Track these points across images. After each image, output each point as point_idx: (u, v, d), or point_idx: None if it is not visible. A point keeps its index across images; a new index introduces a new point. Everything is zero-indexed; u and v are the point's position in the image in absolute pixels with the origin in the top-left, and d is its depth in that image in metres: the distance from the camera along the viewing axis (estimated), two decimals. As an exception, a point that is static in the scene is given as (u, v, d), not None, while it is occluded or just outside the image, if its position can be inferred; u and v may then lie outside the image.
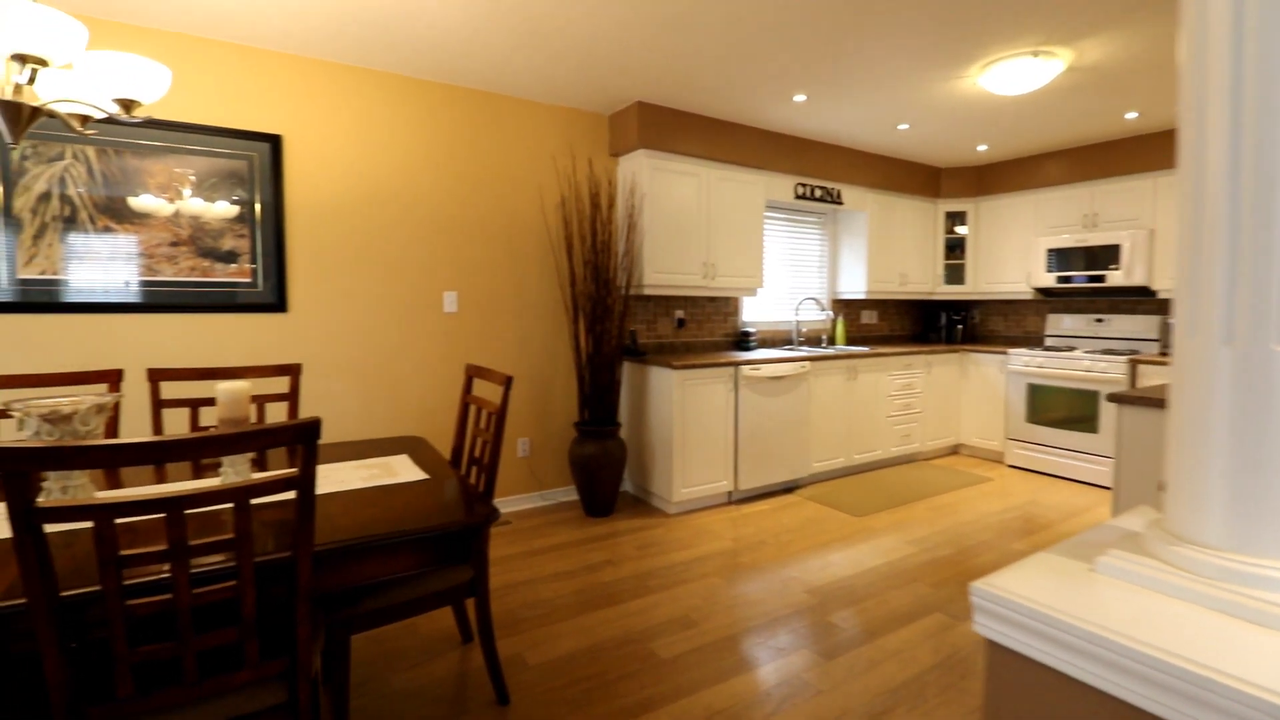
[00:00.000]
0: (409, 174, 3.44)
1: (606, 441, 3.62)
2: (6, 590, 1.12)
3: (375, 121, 3.34)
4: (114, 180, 2.78)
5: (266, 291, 3.09)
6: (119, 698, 1.13)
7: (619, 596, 2.66)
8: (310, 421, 1.19)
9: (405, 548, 1.42)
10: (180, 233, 2.90)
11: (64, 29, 1.42)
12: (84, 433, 1.48)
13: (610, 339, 3.67)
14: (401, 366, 3.47)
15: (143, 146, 2.82)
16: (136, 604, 1.11)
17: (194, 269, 2.94)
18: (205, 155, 2.95)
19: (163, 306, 2.88)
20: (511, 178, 3.75)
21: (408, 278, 3.47)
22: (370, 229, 3.35)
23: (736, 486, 3.93)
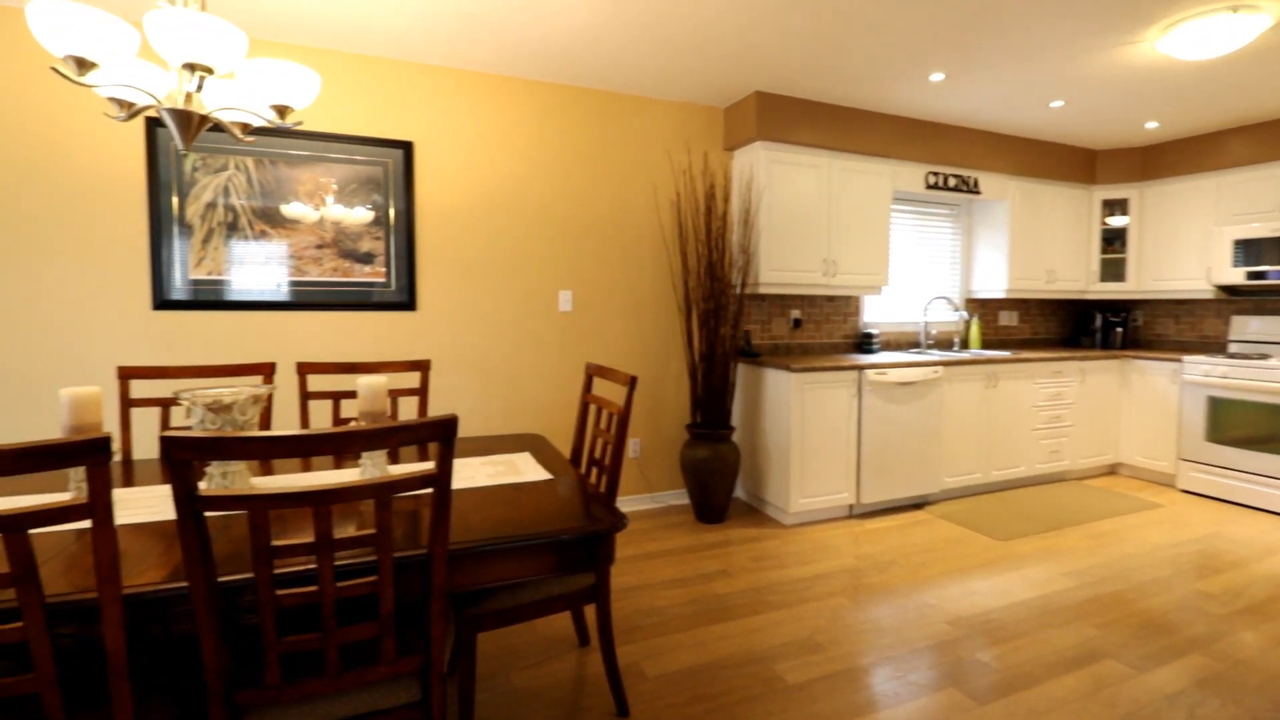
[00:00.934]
0: (527, 175, 3.49)
1: (719, 445, 3.48)
2: (171, 574, 1.18)
3: (497, 125, 3.41)
4: (269, 189, 3.00)
5: (398, 291, 3.24)
6: (266, 685, 1.15)
7: (736, 611, 2.52)
8: (448, 418, 1.16)
9: (536, 551, 1.37)
10: (325, 236, 3.10)
11: (229, 37, 1.50)
12: (242, 422, 1.56)
13: (724, 339, 3.53)
14: (518, 364, 3.52)
15: (293, 156, 3.03)
16: (285, 594, 1.12)
17: (336, 270, 3.12)
18: (346, 163, 3.12)
19: (308, 304, 3.08)
20: (626, 176, 3.71)
21: (525, 277, 3.51)
22: (491, 230, 3.43)
23: (858, 500, 3.66)
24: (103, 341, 2.79)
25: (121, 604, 1.04)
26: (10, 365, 2.68)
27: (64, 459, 0.96)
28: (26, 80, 2.65)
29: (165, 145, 2.85)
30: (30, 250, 2.69)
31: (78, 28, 1.39)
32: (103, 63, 1.47)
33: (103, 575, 1.01)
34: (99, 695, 1.22)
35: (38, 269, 2.70)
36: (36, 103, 2.67)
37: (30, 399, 2.71)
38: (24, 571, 0.97)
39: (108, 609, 1.03)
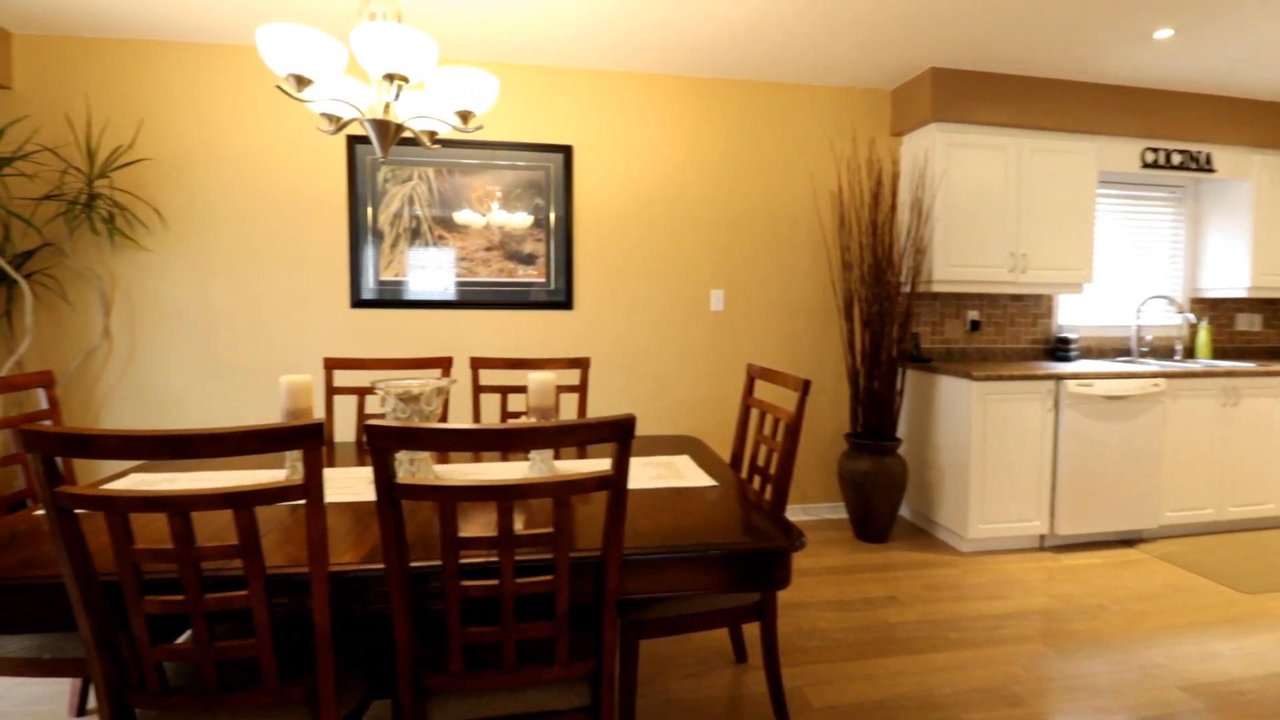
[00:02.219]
0: (680, 173, 3.44)
1: (884, 458, 3.19)
2: (367, 555, 1.23)
3: (651, 124, 3.40)
4: (446, 197, 3.22)
5: (556, 290, 3.33)
6: (451, 671, 1.17)
7: (912, 644, 2.26)
8: (626, 419, 1.10)
9: (708, 564, 1.28)
10: (492, 239, 3.26)
11: (423, 46, 1.57)
12: (428, 412, 1.63)
13: (890, 341, 3.23)
14: (668, 363, 3.48)
15: (466, 165, 3.23)
16: (470, 585, 1.12)
17: (502, 270, 3.28)
18: (511, 169, 3.27)
19: (477, 303, 3.26)
20: (782, 168, 3.54)
21: (677, 276, 3.47)
22: (644, 229, 3.42)
23: (1052, 530, 3.18)
24: (310, 335, 3.15)
25: (328, 581, 1.10)
26: (238, 354, 3.10)
27: (285, 442, 1.02)
28: (255, 112, 3.06)
29: (362, 162, 3.16)
30: (256, 257, 3.10)
31: (298, 47, 1.52)
32: (317, 79, 1.60)
33: (314, 553, 1.07)
34: (303, 665, 1.31)
35: (262, 272, 3.10)
36: (262, 130, 3.07)
37: (254, 383, 3.12)
38: (250, 544, 1.05)
39: (317, 585, 1.09)
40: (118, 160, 2.97)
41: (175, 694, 1.11)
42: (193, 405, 3.08)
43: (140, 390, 3.04)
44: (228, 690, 1.12)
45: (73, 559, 1.04)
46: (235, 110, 3.05)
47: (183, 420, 3.08)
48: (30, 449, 1.00)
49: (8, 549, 1.25)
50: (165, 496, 1.00)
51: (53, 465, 1.02)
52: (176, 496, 1.00)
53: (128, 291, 3.01)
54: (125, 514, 1.02)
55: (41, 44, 2.93)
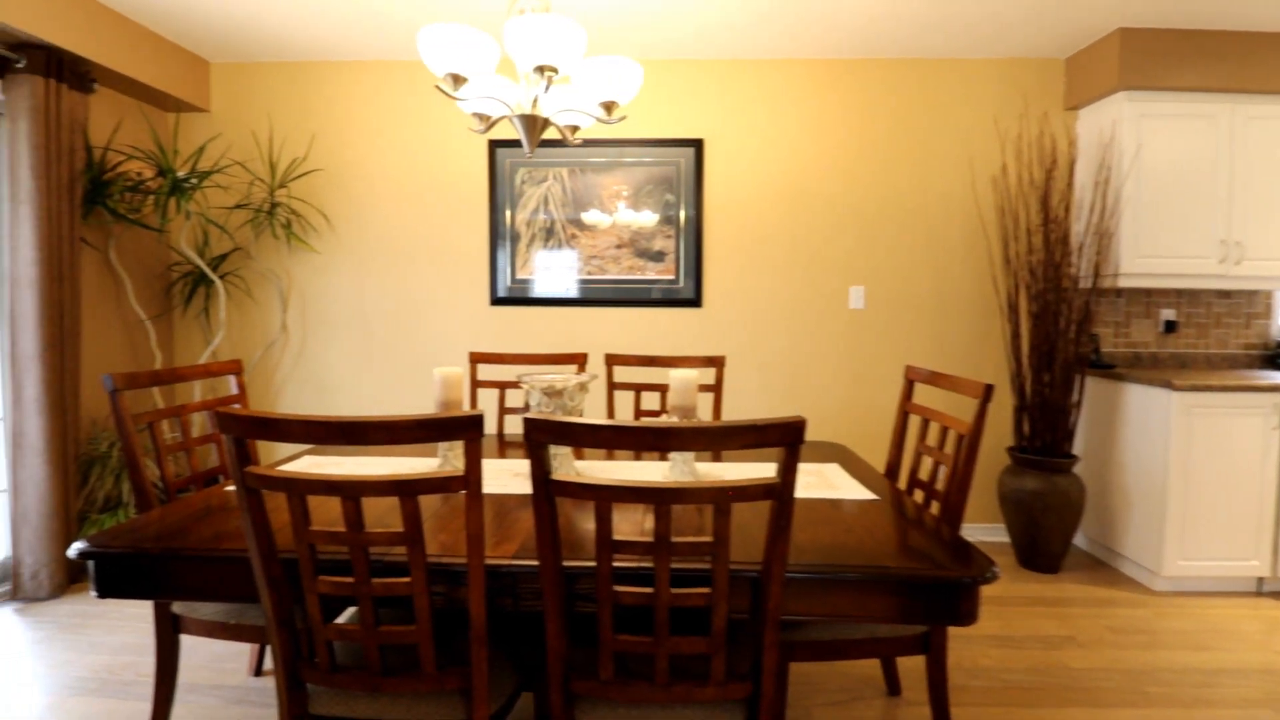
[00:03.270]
0: (817, 163, 3.24)
1: (1056, 477, 2.81)
2: (518, 549, 1.21)
3: (785, 113, 3.23)
4: (578, 196, 3.26)
5: (686, 287, 3.26)
6: (600, 678, 1.11)
7: (1099, 696, 1.94)
8: (796, 422, 0.99)
9: (879, 589, 1.14)
10: (622, 237, 3.26)
11: (573, 34, 1.55)
12: (570, 407, 1.61)
13: (1066, 344, 2.84)
14: (803, 364, 3.29)
15: (597, 164, 3.24)
16: (623, 591, 1.06)
17: (631, 268, 3.26)
18: (642, 166, 3.24)
19: (607, 301, 3.27)
20: (934, 152, 3.23)
21: (812, 272, 3.27)
22: (778, 223, 3.26)
23: (1276, 573, 2.64)
24: (452, 330, 3.31)
25: (484, 573, 1.08)
26: (388, 347, 3.32)
27: (448, 432, 1.01)
28: (408, 122, 3.26)
29: (502, 166, 3.27)
30: (406, 257, 3.30)
31: (456, 46, 1.55)
32: (472, 77, 1.63)
33: (472, 545, 1.06)
34: (455, 654, 1.32)
35: (410, 272, 3.30)
36: (414, 139, 3.27)
37: (402, 373, 3.33)
38: (414, 532, 1.05)
39: (474, 577, 1.07)
40: (294, 171, 3.28)
41: (342, 672, 1.15)
42: (351, 392, 3.34)
43: (309, 378, 3.34)
44: (389, 673, 1.14)
45: (258, 536, 1.09)
46: (391, 121, 3.27)
47: (342, 405, 3.35)
48: (224, 430, 1.07)
49: (203, 521, 1.37)
50: (340, 481, 1.03)
51: (243, 446, 1.08)
52: (350, 482, 1.02)
53: (301, 290, 3.32)
54: (304, 496, 1.06)
55: (232, 71, 3.30)
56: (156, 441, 1.69)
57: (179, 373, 1.78)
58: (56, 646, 2.19)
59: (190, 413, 1.80)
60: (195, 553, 1.21)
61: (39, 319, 2.50)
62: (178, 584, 1.23)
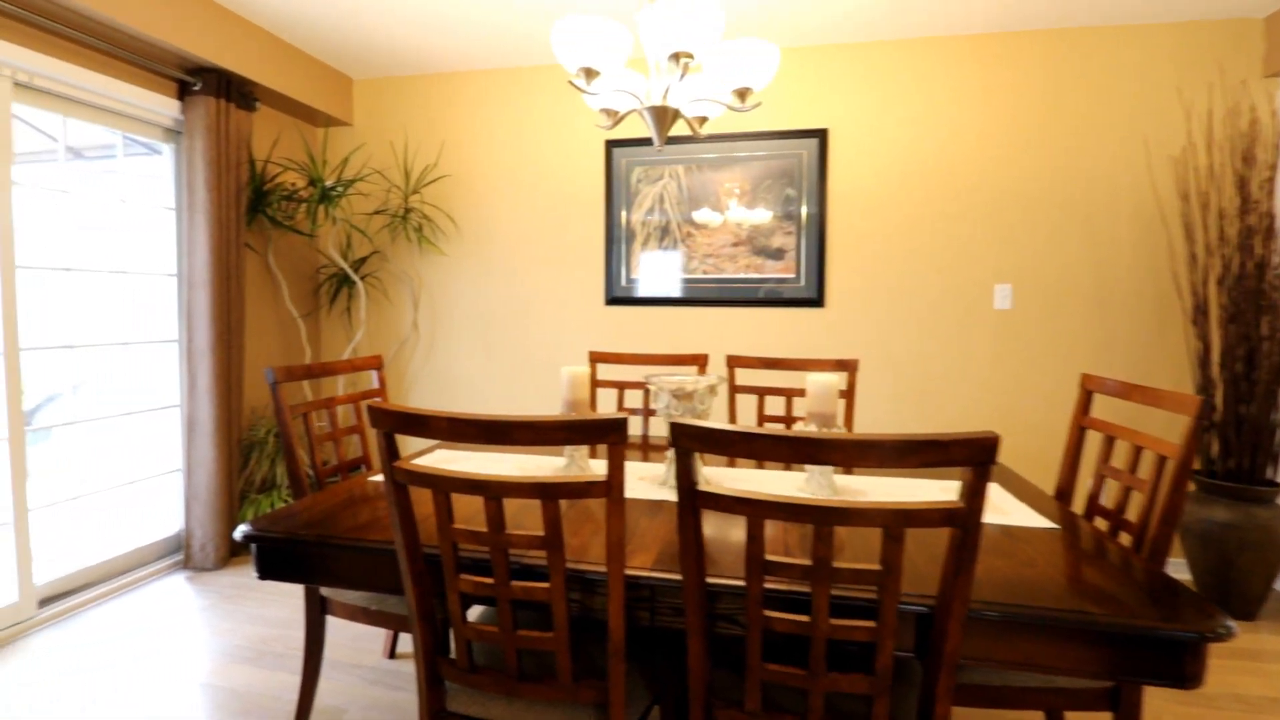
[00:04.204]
0: (955, 149, 2.97)
1: (1254, 508, 2.38)
2: (655, 560, 1.15)
3: (918, 96, 2.98)
4: (694, 194, 3.18)
5: (807, 286, 3.10)
6: (745, 709, 1.03)
7: (1333, 777, 1.60)
8: (987, 438, 0.85)
9: (1084, 638, 0.97)
10: (739, 234, 3.15)
11: (712, 17, 1.47)
12: (700, 410, 1.54)
13: (1273, 351, 2.41)
14: (937, 369, 3.02)
15: (714, 160, 3.15)
16: (774, 616, 0.97)
17: (749, 266, 3.14)
18: (761, 159, 3.11)
19: (722, 301, 3.17)
20: (1096, 132, 2.85)
21: (951, 269, 3.00)
22: (910, 216, 3.02)
23: None
24: (569, 330, 3.35)
25: (624, 583, 1.03)
26: (509, 345, 3.41)
27: (591, 435, 0.97)
28: (528, 126, 3.33)
29: (618, 166, 3.26)
30: (525, 258, 3.38)
31: (589, 39, 1.52)
32: (604, 70, 1.60)
33: (611, 553, 1.01)
34: (588, 663, 1.28)
35: (529, 272, 3.37)
36: (534, 143, 3.33)
37: (522, 371, 3.41)
38: (554, 536, 1.02)
39: (613, 587, 1.02)
40: (425, 178, 3.45)
41: (479, 672, 1.14)
42: (474, 389, 3.47)
43: (437, 375, 3.51)
44: (525, 678, 1.11)
45: (404, 531, 1.11)
46: (512, 126, 3.36)
47: (465, 402, 3.48)
48: (376, 425, 1.08)
49: (350, 511, 1.42)
50: (484, 481, 1.01)
51: (392, 441, 1.10)
52: (494, 482, 1.01)
53: (430, 290, 3.49)
54: (448, 493, 1.05)
55: (373, 86, 3.52)
56: (309, 431, 1.79)
57: (329, 367, 1.89)
58: (218, 615, 2.41)
59: (338, 405, 1.90)
60: (345, 542, 1.25)
61: (211, 316, 2.78)
62: (329, 571, 1.28)
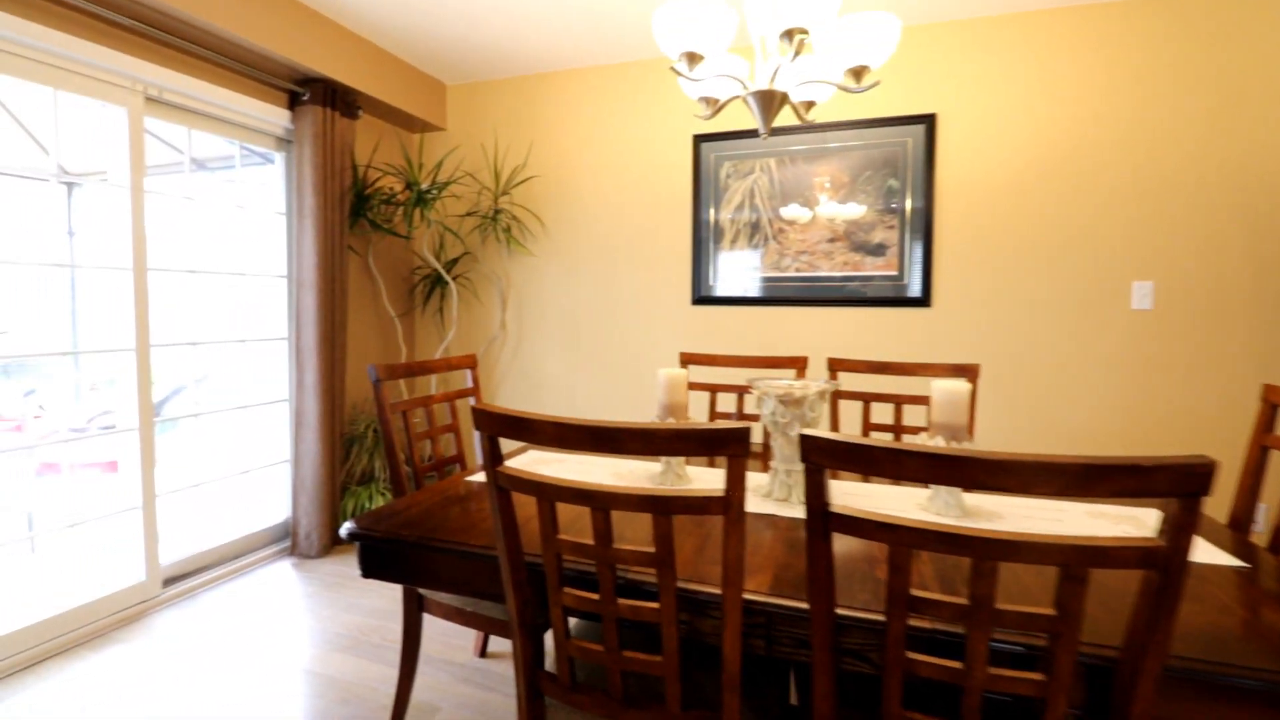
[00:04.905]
0: (1083, 132, 2.67)
1: None
2: (771, 584, 1.05)
3: (1037, 74, 2.70)
4: (787, 187, 3.04)
5: (912, 284, 2.89)
6: (875, 759, 0.91)
7: None
8: (1201, 464, 0.70)
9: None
10: (836, 230, 2.97)
11: (832, -8, 1.36)
12: (811, 418, 1.42)
13: None
14: (1065, 376, 2.74)
15: (809, 152, 2.99)
16: (919, 660, 0.85)
17: (846, 263, 2.97)
18: (860, 149, 2.93)
19: (817, 300, 3.01)
20: (1259, 105, 2.49)
21: (1076, 265, 2.71)
22: (1029, 207, 2.75)
23: None
24: (655, 330, 3.28)
25: (741, 610, 0.94)
26: (595, 345, 3.39)
27: (710, 445, 0.88)
28: (615, 124, 3.29)
29: (706, 161, 3.16)
30: (612, 257, 3.34)
31: (693, 21, 1.44)
32: (708, 54, 1.51)
33: (728, 576, 0.92)
34: (700, 693, 1.20)
35: (616, 271, 3.33)
36: (620, 141, 3.29)
37: (608, 371, 3.38)
38: (665, 553, 0.94)
39: (729, 613, 0.93)
40: (515, 179, 3.48)
41: (581, 690, 1.08)
42: (561, 389, 3.47)
43: (523, 374, 3.54)
44: (630, 702, 1.04)
45: (507, 538, 1.06)
46: (599, 125, 3.33)
47: (551, 402, 3.49)
48: (480, 427, 1.04)
49: (450, 513, 1.40)
50: (591, 491, 0.94)
51: (496, 445, 1.05)
52: (601, 492, 0.94)
53: (518, 290, 3.52)
54: (553, 501, 1.00)
55: (465, 91, 3.59)
56: (408, 428, 1.81)
57: (427, 365, 1.90)
58: (321, 602, 2.51)
59: (436, 403, 1.91)
60: (446, 545, 1.22)
61: (317, 316, 2.90)
62: (429, 573, 1.26)
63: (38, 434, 3.68)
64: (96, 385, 3.34)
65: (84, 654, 2.11)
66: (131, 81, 2.30)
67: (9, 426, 4.06)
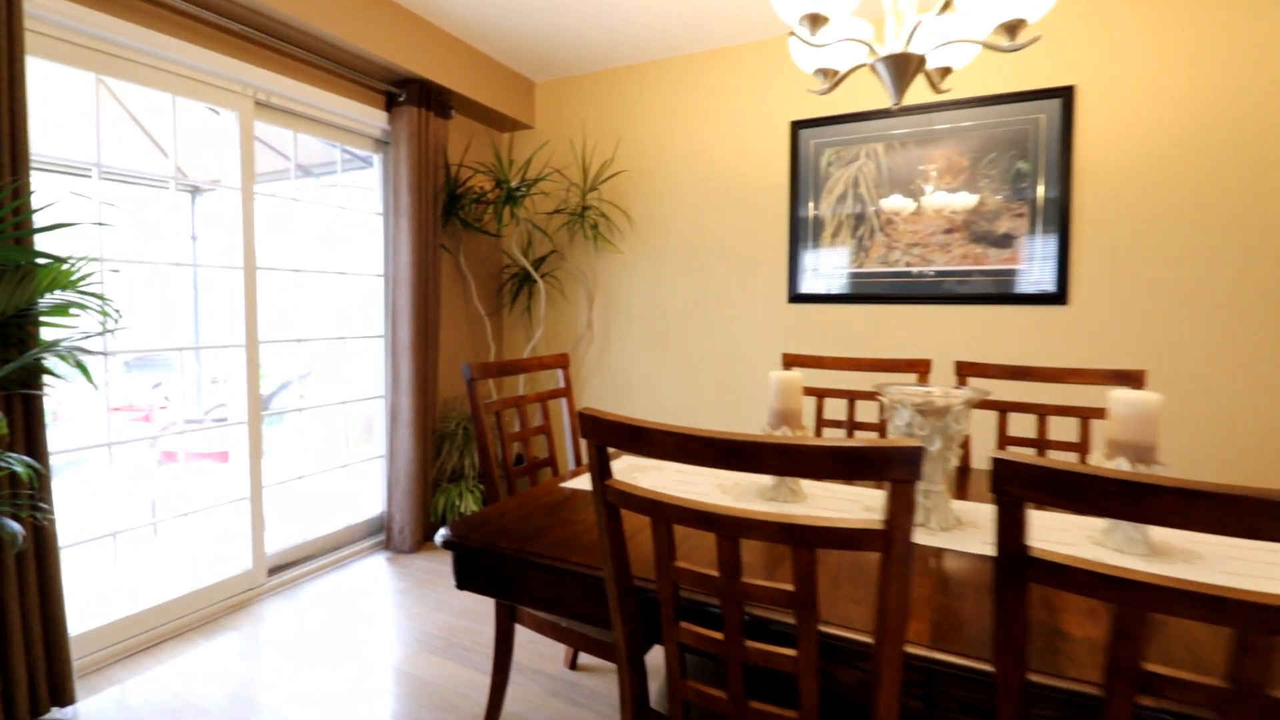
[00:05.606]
0: (1261, 104, 2.27)
1: None
2: (931, 634, 0.87)
3: (1202, 33, 2.32)
4: (897, 174, 2.78)
5: (1044, 279, 2.57)
6: None
7: None
8: None
9: None
10: (953, 218, 2.70)
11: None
12: (955, 432, 1.23)
13: None
14: (1239, 386, 2.35)
15: (923, 134, 2.73)
16: (1153, 755, 0.66)
17: (965, 256, 2.68)
18: (983, 129, 2.64)
19: (928, 297, 2.74)
20: None
21: (1252, 253, 2.31)
22: (1189, 191, 2.37)
23: None
24: (749, 329, 3.11)
25: (901, 666, 0.77)
26: (684, 345, 3.25)
27: (872, 468, 0.73)
28: (706, 114, 3.14)
29: (805, 149, 2.95)
30: (702, 253, 3.19)
31: (821, -18, 1.28)
32: (833, 16, 1.34)
33: (887, 625, 0.76)
34: (824, 739, 1.04)
35: (706, 268, 3.18)
36: (712, 132, 3.13)
37: (697, 372, 3.24)
38: (806, 594, 0.79)
39: (887, 672, 0.77)
40: (603, 175, 3.40)
41: (695, 738, 0.95)
42: (647, 389, 3.36)
43: (610, 374, 3.45)
44: (754, 760, 0.90)
45: (615, 560, 0.94)
46: (687, 116, 3.19)
47: (639, 403, 3.38)
48: (587, 435, 0.93)
49: (548, 523, 1.31)
50: (719, 515, 0.81)
51: (604, 455, 0.94)
52: (731, 517, 0.80)
53: (605, 288, 3.45)
54: (670, 523, 0.87)
55: (552, 87, 3.54)
56: (500, 429, 1.74)
57: (520, 364, 1.83)
58: (413, 599, 2.51)
59: (528, 404, 1.84)
60: (544, 561, 1.13)
61: (412, 314, 2.93)
62: (526, 590, 1.16)
63: (161, 425, 3.95)
64: (217, 379, 3.53)
65: (196, 640, 2.20)
66: (242, 86, 2.38)
67: (138, 416, 4.39)
